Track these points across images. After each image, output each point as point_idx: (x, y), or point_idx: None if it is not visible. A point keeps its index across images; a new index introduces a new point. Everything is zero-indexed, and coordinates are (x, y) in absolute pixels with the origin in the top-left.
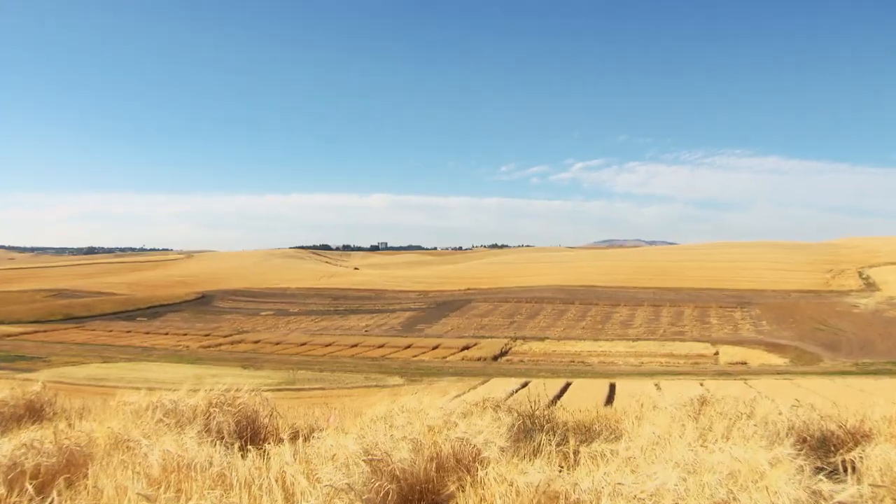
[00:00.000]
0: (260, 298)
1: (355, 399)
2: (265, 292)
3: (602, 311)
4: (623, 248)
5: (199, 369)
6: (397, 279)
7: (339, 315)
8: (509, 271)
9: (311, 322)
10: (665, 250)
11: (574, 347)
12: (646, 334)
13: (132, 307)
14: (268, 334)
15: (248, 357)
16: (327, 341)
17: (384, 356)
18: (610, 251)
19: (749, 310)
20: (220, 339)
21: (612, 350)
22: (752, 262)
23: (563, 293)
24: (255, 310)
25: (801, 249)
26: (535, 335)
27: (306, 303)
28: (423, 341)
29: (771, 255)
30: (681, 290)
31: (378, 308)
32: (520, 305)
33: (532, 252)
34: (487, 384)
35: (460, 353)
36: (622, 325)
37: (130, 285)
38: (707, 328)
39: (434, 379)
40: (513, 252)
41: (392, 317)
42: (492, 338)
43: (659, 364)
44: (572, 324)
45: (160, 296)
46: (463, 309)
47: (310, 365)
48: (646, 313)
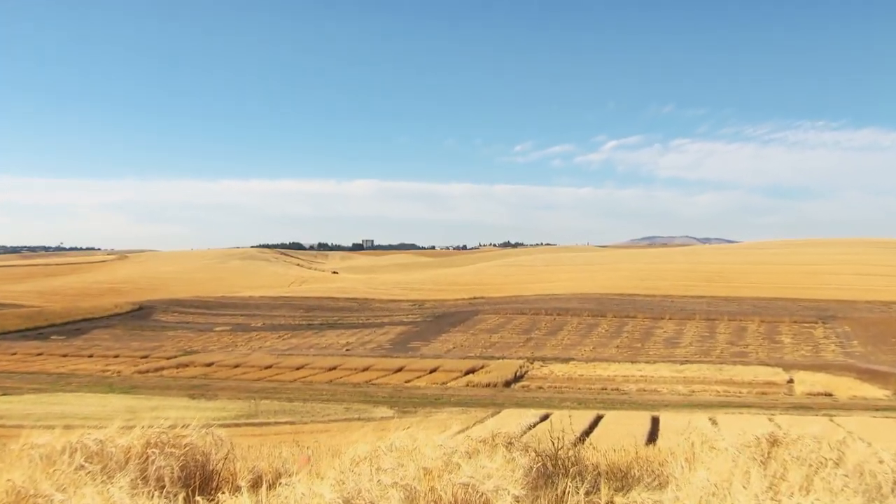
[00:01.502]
0: (214, 310)
1: (333, 435)
2: (221, 302)
3: (641, 325)
4: (668, 248)
5: (133, 401)
6: (386, 285)
7: (314, 330)
8: (525, 276)
9: (278, 339)
10: (722, 250)
11: (606, 371)
12: (697, 355)
13: (45, 322)
14: (223, 355)
15: (197, 384)
16: (298, 363)
17: (369, 381)
18: (651, 251)
19: (834, 326)
20: (161, 361)
21: (654, 375)
22: (836, 264)
23: (592, 303)
24: (207, 324)
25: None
26: (558, 355)
27: (272, 315)
28: (417, 363)
29: (862, 255)
30: (742, 301)
31: (362, 322)
32: (538, 318)
33: (553, 252)
34: (498, 416)
35: (464, 378)
36: (667, 343)
37: (43, 294)
38: (777, 349)
39: (432, 410)
40: (529, 252)
41: (379, 332)
42: (503, 358)
43: (714, 393)
44: (604, 341)
45: (83, 308)
46: (467, 322)
47: (276, 393)
48: (697, 329)
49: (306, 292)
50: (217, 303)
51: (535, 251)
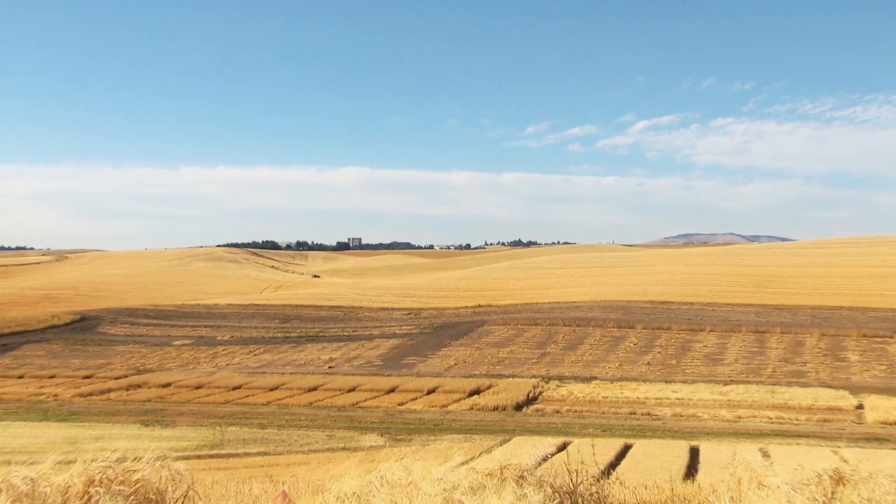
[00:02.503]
0: (172, 321)
1: (313, 468)
2: (180, 311)
3: (677, 338)
4: (708, 248)
5: (73, 430)
6: (377, 291)
7: (291, 344)
8: (539, 280)
9: (248, 355)
10: (773, 250)
11: (635, 392)
12: (744, 375)
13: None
14: (183, 374)
15: (152, 409)
16: (273, 383)
17: (356, 404)
18: (688, 251)
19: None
20: (108, 382)
21: (692, 397)
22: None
23: (618, 312)
24: (164, 338)
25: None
26: (578, 374)
27: (242, 327)
28: (413, 382)
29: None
30: (799, 310)
31: (348, 334)
32: (555, 330)
33: (572, 252)
34: (508, 445)
35: (468, 400)
36: (708, 360)
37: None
38: (842, 367)
39: (430, 437)
40: (544, 252)
41: (368, 346)
42: (514, 377)
43: (765, 420)
44: (633, 357)
45: (11, 319)
46: (472, 335)
47: (246, 418)
48: (744, 343)
49: (282, 299)
50: (176, 312)
51: (551, 251)
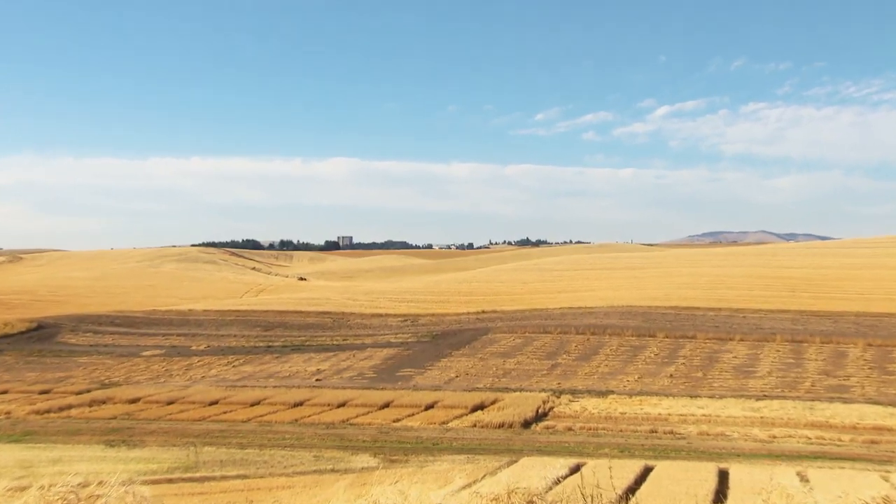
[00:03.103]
0: (141, 329)
1: (298, 492)
2: (151, 319)
3: (703, 348)
4: (738, 247)
5: (28, 451)
6: (369, 296)
7: (274, 354)
8: (550, 284)
9: (226, 367)
10: (812, 249)
11: (657, 408)
12: (779, 389)
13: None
14: (154, 388)
15: (117, 427)
16: (254, 398)
17: (346, 421)
18: (716, 251)
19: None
20: (69, 397)
21: (721, 414)
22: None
23: (637, 319)
24: (132, 348)
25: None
26: (593, 387)
27: (220, 335)
28: (409, 396)
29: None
30: (840, 317)
31: (337, 343)
32: (567, 338)
33: (586, 252)
34: (515, 467)
35: (471, 416)
36: (738, 372)
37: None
38: (891, 382)
39: (428, 458)
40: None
41: (360, 357)
42: (521, 391)
43: (803, 440)
44: (653, 369)
45: None
46: (475, 344)
47: (224, 437)
48: (778, 353)
49: (265, 305)
50: (145, 319)
51: (563, 251)
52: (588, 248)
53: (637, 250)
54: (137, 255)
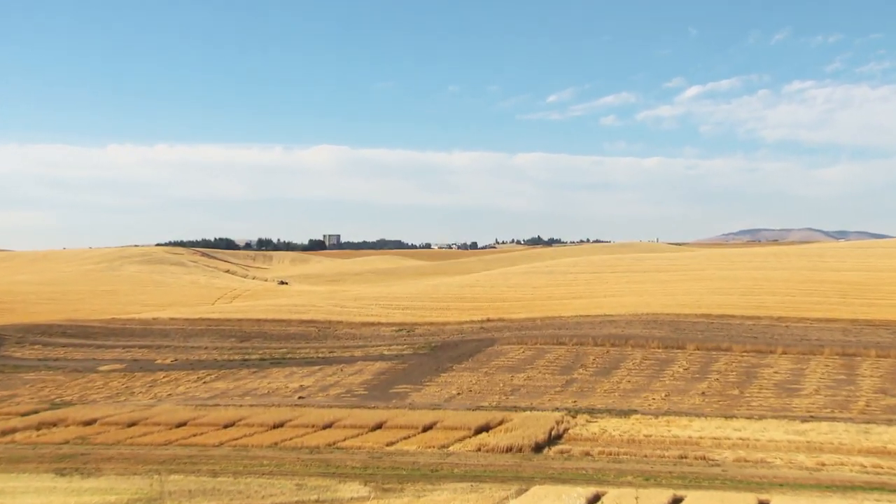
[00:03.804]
0: (98, 340)
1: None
2: (109, 328)
3: (740, 362)
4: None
5: None
6: (360, 302)
7: (252, 369)
8: (564, 288)
9: (196, 383)
10: (865, 249)
11: (687, 430)
12: (828, 409)
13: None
14: (112, 408)
15: (70, 453)
16: (228, 418)
17: (334, 444)
18: (754, 251)
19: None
20: (12, 420)
21: (760, 437)
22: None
23: (664, 328)
24: (87, 362)
25: None
26: (614, 406)
27: (189, 347)
28: (405, 416)
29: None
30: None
31: (323, 356)
32: (584, 351)
33: (606, 253)
34: (525, 497)
35: (474, 439)
36: (780, 389)
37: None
38: None
39: (426, 487)
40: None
41: (349, 371)
42: (532, 410)
43: (857, 468)
44: (683, 385)
45: None
46: (479, 356)
47: (193, 464)
48: (827, 369)
49: (240, 312)
50: (103, 329)
51: (579, 251)
52: (608, 247)
53: (664, 250)
54: (94, 255)
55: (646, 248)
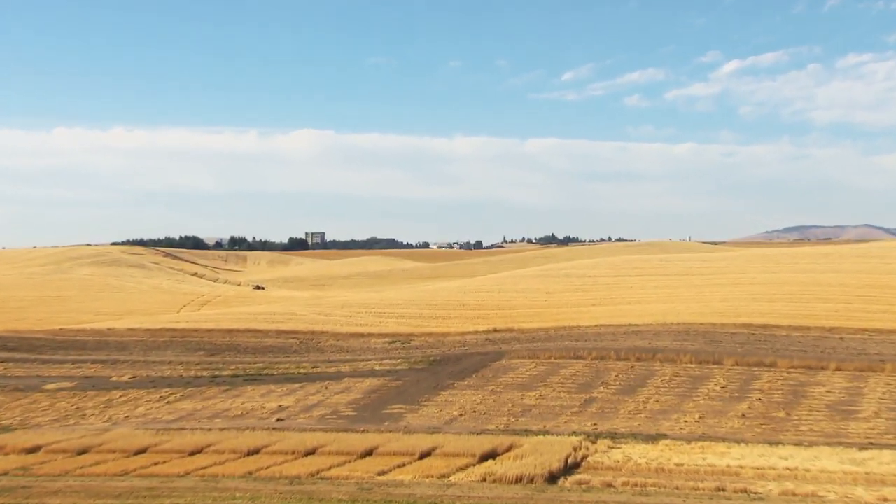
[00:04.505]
0: (44, 354)
1: None
2: (57, 341)
3: (786, 379)
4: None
5: None
6: (347, 310)
7: (223, 387)
8: (583, 294)
9: (159, 403)
10: None
11: (724, 458)
12: (891, 435)
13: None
14: (60, 433)
15: (9, 486)
16: (195, 444)
17: (317, 474)
18: (802, 251)
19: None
20: None
21: (811, 467)
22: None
23: (697, 340)
24: (30, 379)
25: None
26: (639, 429)
27: (150, 362)
28: (399, 441)
29: None
30: None
31: (305, 372)
32: (605, 366)
33: (630, 253)
34: None
35: (479, 468)
36: (834, 411)
37: None
38: None
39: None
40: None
41: (335, 389)
42: (546, 433)
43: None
44: (720, 406)
45: None
46: (484, 372)
47: (154, 498)
48: (889, 388)
49: (210, 322)
50: (50, 342)
51: (599, 251)
52: (632, 247)
53: (697, 250)
54: (39, 256)
55: (676, 247)
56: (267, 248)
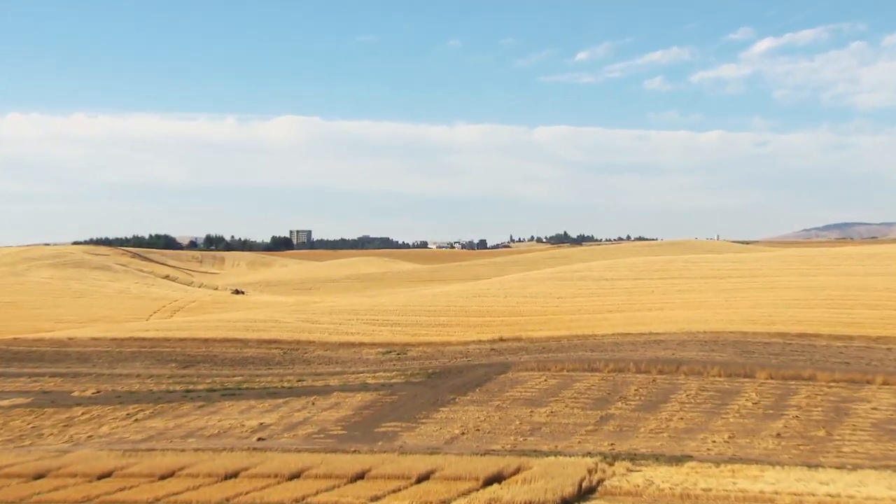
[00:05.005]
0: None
1: None
2: (10, 351)
3: (827, 395)
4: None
5: None
6: (336, 316)
7: (197, 402)
8: (598, 299)
9: (126, 421)
10: None
11: (758, 483)
12: None
13: None
14: (14, 456)
15: None
16: (166, 467)
17: (303, 500)
18: (845, 251)
19: None
20: None
21: (855, 493)
22: None
23: (727, 350)
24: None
25: None
26: (661, 450)
27: (116, 375)
28: (394, 463)
29: None
30: None
31: (289, 386)
32: (623, 379)
33: (651, 254)
34: None
35: (484, 492)
36: (881, 430)
37: None
38: None
39: None
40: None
41: (323, 405)
42: (557, 454)
43: None
44: (752, 424)
45: None
46: (489, 386)
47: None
48: None
49: (183, 330)
50: (4, 352)
51: (616, 251)
52: (654, 247)
53: (726, 251)
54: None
55: (703, 247)
56: (247, 248)
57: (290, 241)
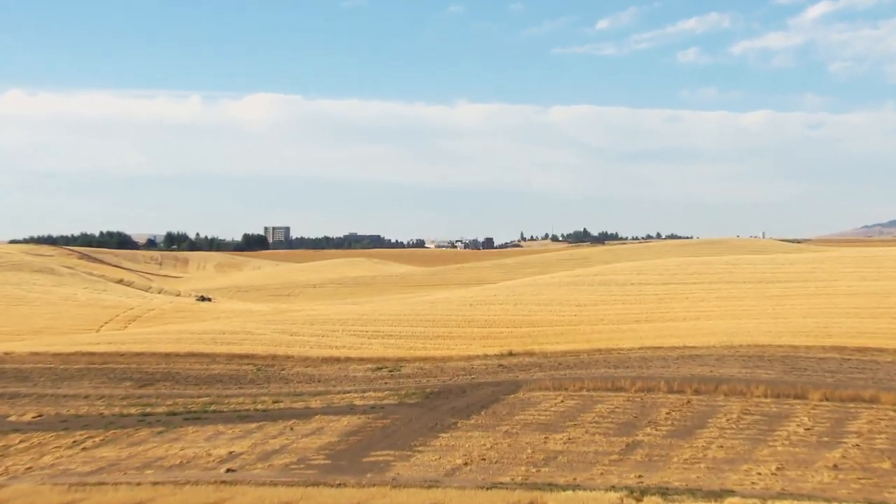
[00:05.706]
0: None
1: None
2: None
3: (891, 419)
4: None
5: None
6: (319, 328)
7: (156, 427)
8: (624, 307)
9: (71, 450)
10: None
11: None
12: None
13: None
14: None
15: None
16: (120, 503)
17: None
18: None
19: None
20: None
21: None
22: None
23: (774, 367)
24: None
25: None
26: (697, 483)
27: (61, 395)
28: (386, 498)
29: None
30: None
31: (264, 407)
32: (653, 400)
33: (684, 254)
34: None
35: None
36: None
37: None
38: None
39: None
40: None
41: (303, 430)
42: (576, 489)
43: None
44: (804, 454)
45: None
46: (497, 408)
47: None
48: None
49: (140, 343)
50: None
51: (644, 252)
52: (687, 246)
53: (773, 250)
54: None
55: (746, 247)
56: (214, 247)
57: (265, 240)
